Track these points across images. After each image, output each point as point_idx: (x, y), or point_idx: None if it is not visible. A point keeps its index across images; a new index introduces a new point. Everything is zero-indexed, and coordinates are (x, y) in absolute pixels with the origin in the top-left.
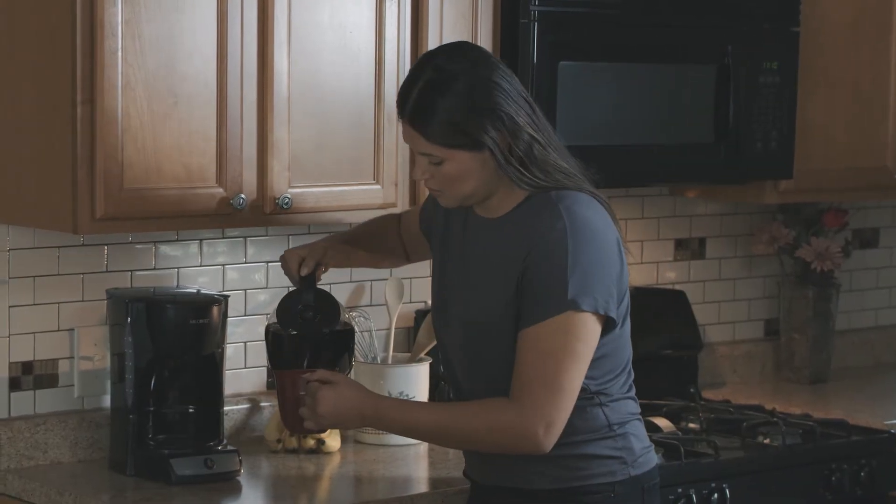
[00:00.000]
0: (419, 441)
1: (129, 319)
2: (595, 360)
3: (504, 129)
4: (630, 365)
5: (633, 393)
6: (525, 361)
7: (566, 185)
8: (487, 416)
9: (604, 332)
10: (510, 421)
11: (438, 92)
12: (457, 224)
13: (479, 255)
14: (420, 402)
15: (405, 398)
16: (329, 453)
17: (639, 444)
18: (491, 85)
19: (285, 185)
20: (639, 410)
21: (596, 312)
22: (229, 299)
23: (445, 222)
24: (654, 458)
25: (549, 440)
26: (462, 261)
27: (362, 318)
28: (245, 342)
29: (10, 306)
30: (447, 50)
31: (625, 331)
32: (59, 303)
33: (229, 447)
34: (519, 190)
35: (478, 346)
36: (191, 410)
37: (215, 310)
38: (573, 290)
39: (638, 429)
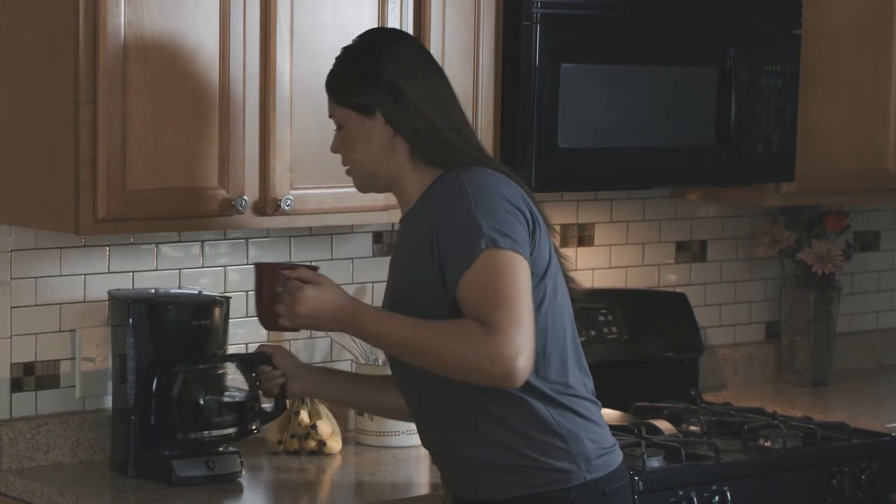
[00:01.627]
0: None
1: (130, 320)
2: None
3: (395, 102)
4: (572, 357)
5: (583, 392)
6: (477, 301)
7: (460, 161)
8: (463, 334)
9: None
10: (484, 343)
11: (348, 59)
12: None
13: (401, 254)
14: (399, 316)
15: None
16: (330, 455)
17: (594, 447)
18: (387, 55)
19: (287, 187)
20: (592, 413)
21: (515, 251)
22: (231, 301)
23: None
24: (616, 460)
25: (524, 367)
26: (395, 269)
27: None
28: (247, 343)
29: (11, 307)
30: (373, 29)
31: (556, 316)
32: (60, 304)
33: (230, 448)
34: (425, 173)
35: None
36: (193, 410)
37: (217, 311)
38: (486, 231)
39: (593, 431)
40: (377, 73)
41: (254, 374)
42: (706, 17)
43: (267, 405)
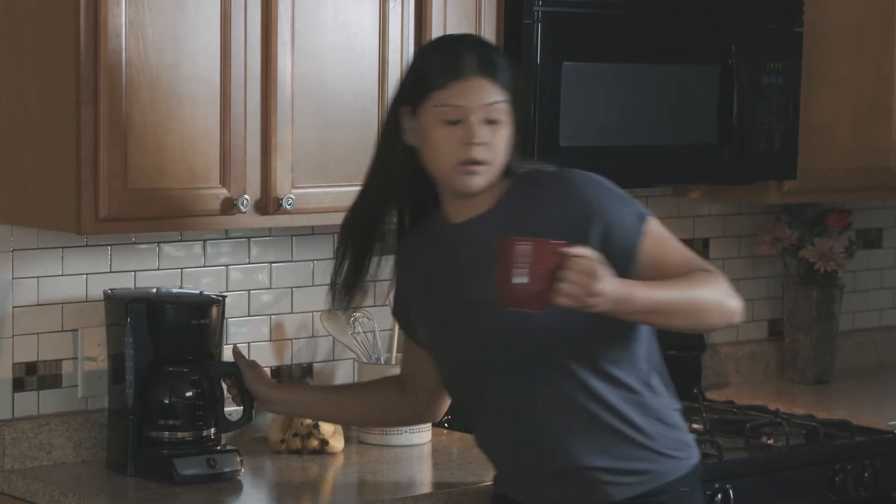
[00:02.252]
0: (424, 441)
1: (129, 320)
2: (644, 334)
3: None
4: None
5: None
6: (669, 254)
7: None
8: (715, 287)
9: None
10: (725, 285)
11: (499, 53)
12: (432, 252)
13: (488, 260)
14: (659, 282)
15: None
16: (332, 454)
17: (686, 436)
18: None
19: (289, 186)
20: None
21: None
22: (233, 300)
23: (419, 281)
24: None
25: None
26: (470, 279)
27: (366, 319)
28: (248, 343)
29: (13, 307)
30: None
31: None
32: (62, 303)
33: (229, 447)
34: (498, 181)
35: (554, 341)
36: (189, 410)
37: (215, 310)
38: (634, 206)
39: (680, 420)
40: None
41: (224, 384)
42: (708, 16)
43: (233, 413)
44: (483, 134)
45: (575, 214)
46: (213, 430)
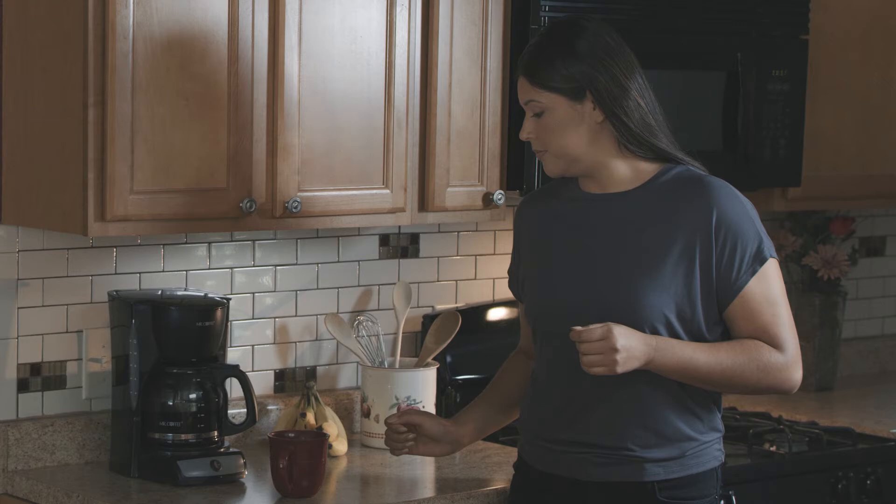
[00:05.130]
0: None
1: (133, 321)
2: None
3: (606, 85)
4: None
5: None
6: (761, 310)
7: (675, 157)
8: (758, 358)
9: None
10: (777, 363)
11: (553, 42)
12: (557, 214)
13: (613, 235)
14: (689, 342)
15: (415, 404)
16: (336, 456)
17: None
18: (599, 41)
19: (295, 189)
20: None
21: (775, 257)
22: (238, 302)
23: (541, 228)
24: None
25: (800, 379)
26: (587, 249)
27: (370, 322)
28: (252, 345)
29: (18, 307)
30: (571, 16)
31: None
32: (67, 304)
33: (232, 449)
34: (639, 161)
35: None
36: (193, 412)
37: (219, 312)
38: (766, 240)
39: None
40: (583, 52)
41: (227, 390)
42: (714, 23)
43: (236, 416)
44: (527, 127)
45: (708, 222)
46: (216, 432)
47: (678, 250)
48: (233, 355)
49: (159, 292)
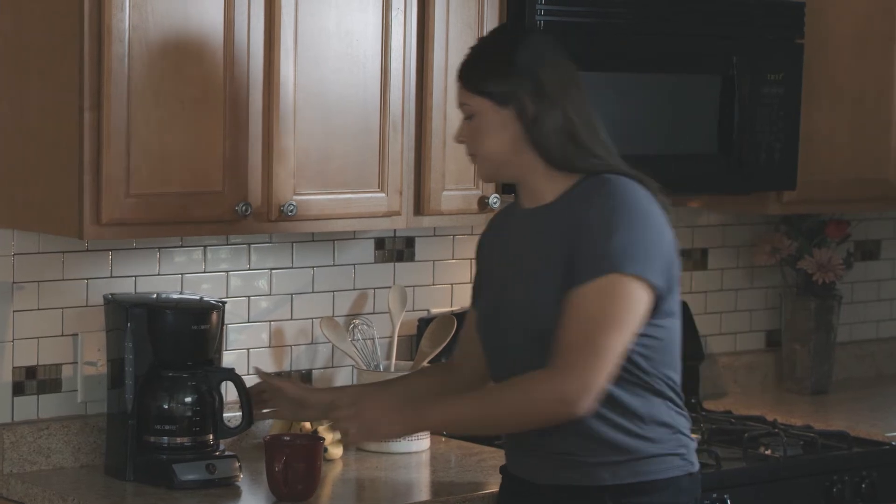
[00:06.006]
0: (422, 449)
1: (129, 325)
2: (651, 341)
3: (533, 93)
4: (680, 370)
5: (685, 409)
6: (564, 325)
7: (599, 170)
8: (525, 389)
9: (655, 311)
10: (549, 388)
11: (488, 49)
12: (503, 230)
13: (528, 247)
14: (458, 395)
15: None
16: (332, 460)
17: (691, 441)
18: (533, 50)
19: (290, 193)
20: (685, 411)
21: (641, 278)
22: (233, 306)
23: (488, 263)
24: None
25: (586, 402)
26: (511, 259)
27: (365, 326)
28: (248, 349)
29: (14, 311)
30: (513, 25)
31: (678, 327)
32: (62, 308)
33: (228, 453)
34: (565, 175)
35: (541, 341)
36: (188, 415)
37: (214, 316)
38: (617, 252)
39: (688, 427)
40: (517, 62)
41: (223, 392)
42: (709, 26)
43: (231, 420)
44: (459, 130)
45: (573, 227)
46: (211, 435)
47: (569, 249)
48: (228, 359)
49: (154, 295)
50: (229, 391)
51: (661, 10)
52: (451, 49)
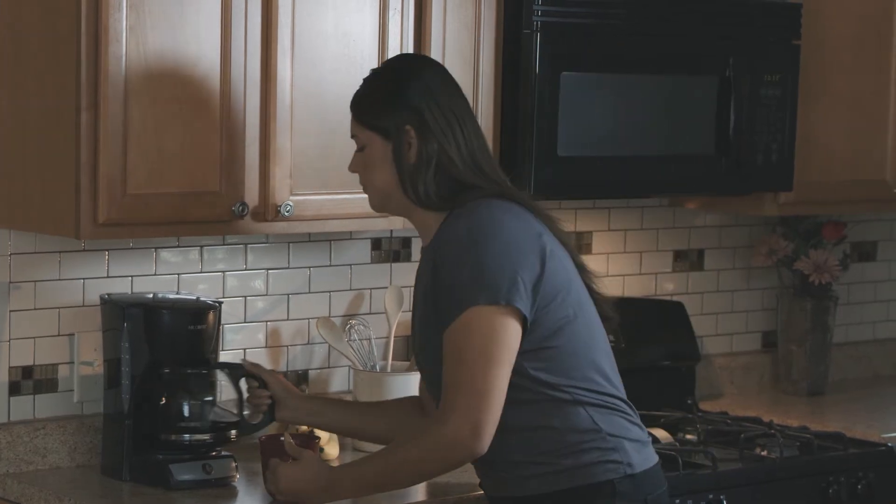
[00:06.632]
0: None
1: (125, 325)
2: (553, 354)
3: (416, 129)
4: (605, 365)
5: (616, 392)
6: (445, 368)
7: (466, 201)
8: (418, 441)
9: (535, 329)
10: (438, 436)
11: (376, 81)
12: None
13: (417, 286)
14: (365, 458)
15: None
16: (327, 460)
17: (631, 442)
18: (424, 85)
19: (287, 193)
20: (625, 410)
21: (498, 304)
22: (230, 306)
23: None
24: (652, 457)
25: (480, 442)
26: (413, 296)
27: (362, 326)
28: (244, 349)
29: (10, 310)
30: (405, 54)
31: (582, 331)
32: (59, 308)
33: (224, 453)
34: (439, 214)
35: (433, 372)
36: (185, 415)
37: (211, 316)
38: (469, 285)
39: (628, 428)
40: (405, 96)
41: (243, 388)
42: (706, 27)
43: (250, 415)
44: (353, 161)
45: (435, 267)
46: (208, 435)
47: (433, 284)
48: (224, 359)
49: (151, 296)
50: (225, 392)
51: (658, 10)
52: (448, 50)
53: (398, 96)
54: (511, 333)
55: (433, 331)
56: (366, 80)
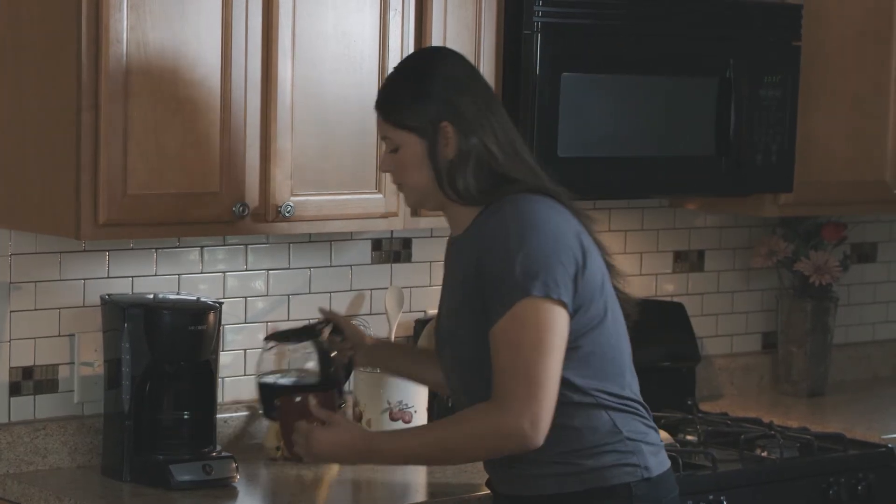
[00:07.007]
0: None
1: (126, 325)
2: (581, 354)
3: (450, 121)
4: (628, 369)
5: (636, 397)
6: (498, 360)
7: (510, 192)
8: (472, 423)
9: (573, 327)
10: (495, 422)
11: (404, 78)
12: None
13: (449, 276)
14: (410, 429)
15: (408, 409)
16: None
17: (648, 446)
18: (442, 75)
19: (287, 193)
20: (644, 415)
21: (549, 298)
22: (230, 307)
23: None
24: (666, 461)
25: (538, 434)
26: (443, 286)
27: (362, 327)
28: (244, 349)
29: (11, 311)
30: (429, 48)
31: (610, 332)
32: (59, 308)
33: (224, 453)
34: (476, 206)
35: (464, 362)
36: (185, 417)
37: (212, 316)
38: (520, 276)
39: (646, 432)
40: (434, 93)
41: (323, 343)
42: (707, 28)
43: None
44: (385, 162)
45: (478, 257)
46: (208, 437)
47: (474, 275)
48: (225, 359)
49: (151, 296)
50: (225, 392)
51: (658, 11)
52: None
53: (428, 92)
54: (563, 326)
55: (468, 318)
56: (390, 80)
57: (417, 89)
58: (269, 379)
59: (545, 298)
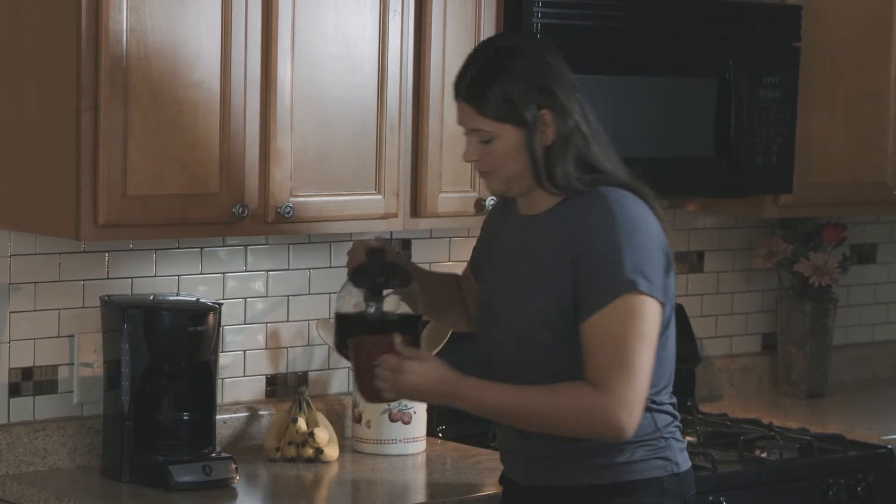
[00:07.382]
0: (418, 451)
1: (125, 326)
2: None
3: (549, 108)
4: (673, 377)
5: (671, 399)
6: (598, 347)
7: (602, 182)
8: (571, 400)
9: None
10: (594, 406)
11: (493, 67)
12: (503, 229)
13: (525, 253)
14: (501, 385)
15: (407, 410)
16: (327, 462)
17: (677, 443)
18: (544, 65)
19: (287, 194)
20: (675, 413)
21: (651, 296)
22: (230, 307)
23: (490, 238)
24: (688, 459)
25: (633, 424)
26: (508, 261)
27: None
28: (244, 350)
29: (10, 312)
30: (506, 33)
31: (671, 338)
32: (59, 309)
33: (224, 454)
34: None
35: (531, 341)
36: (185, 417)
37: (211, 317)
38: (628, 272)
39: (677, 430)
40: (529, 80)
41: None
42: (706, 29)
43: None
44: (472, 151)
45: (574, 241)
46: (206, 438)
47: (564, 260)
48: (224, 360)
49: (151, 297)
50: (225, 393)
51: (657, 12)
52: (449, 51)
53: (522, 81)
54: (658, 321)
55: (547, 302)
56: (478, 70)
57: (510, 79)
58: (349, 310)
59: (648, 295)
